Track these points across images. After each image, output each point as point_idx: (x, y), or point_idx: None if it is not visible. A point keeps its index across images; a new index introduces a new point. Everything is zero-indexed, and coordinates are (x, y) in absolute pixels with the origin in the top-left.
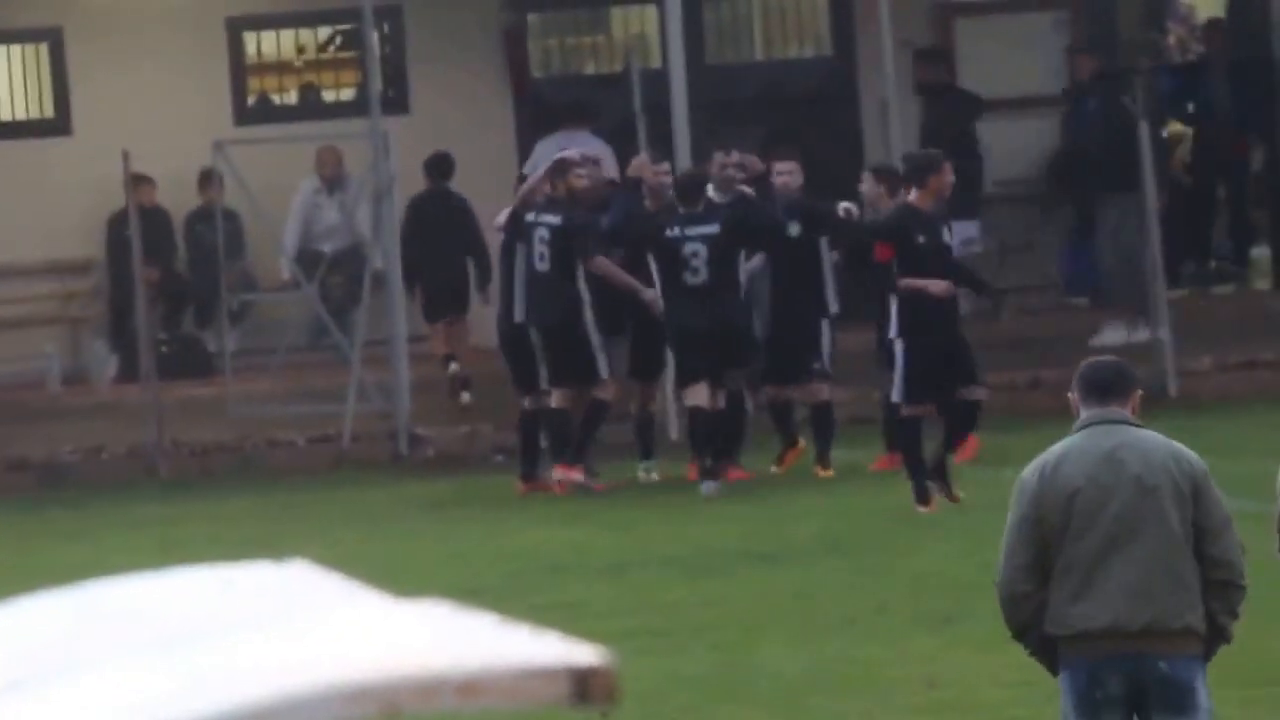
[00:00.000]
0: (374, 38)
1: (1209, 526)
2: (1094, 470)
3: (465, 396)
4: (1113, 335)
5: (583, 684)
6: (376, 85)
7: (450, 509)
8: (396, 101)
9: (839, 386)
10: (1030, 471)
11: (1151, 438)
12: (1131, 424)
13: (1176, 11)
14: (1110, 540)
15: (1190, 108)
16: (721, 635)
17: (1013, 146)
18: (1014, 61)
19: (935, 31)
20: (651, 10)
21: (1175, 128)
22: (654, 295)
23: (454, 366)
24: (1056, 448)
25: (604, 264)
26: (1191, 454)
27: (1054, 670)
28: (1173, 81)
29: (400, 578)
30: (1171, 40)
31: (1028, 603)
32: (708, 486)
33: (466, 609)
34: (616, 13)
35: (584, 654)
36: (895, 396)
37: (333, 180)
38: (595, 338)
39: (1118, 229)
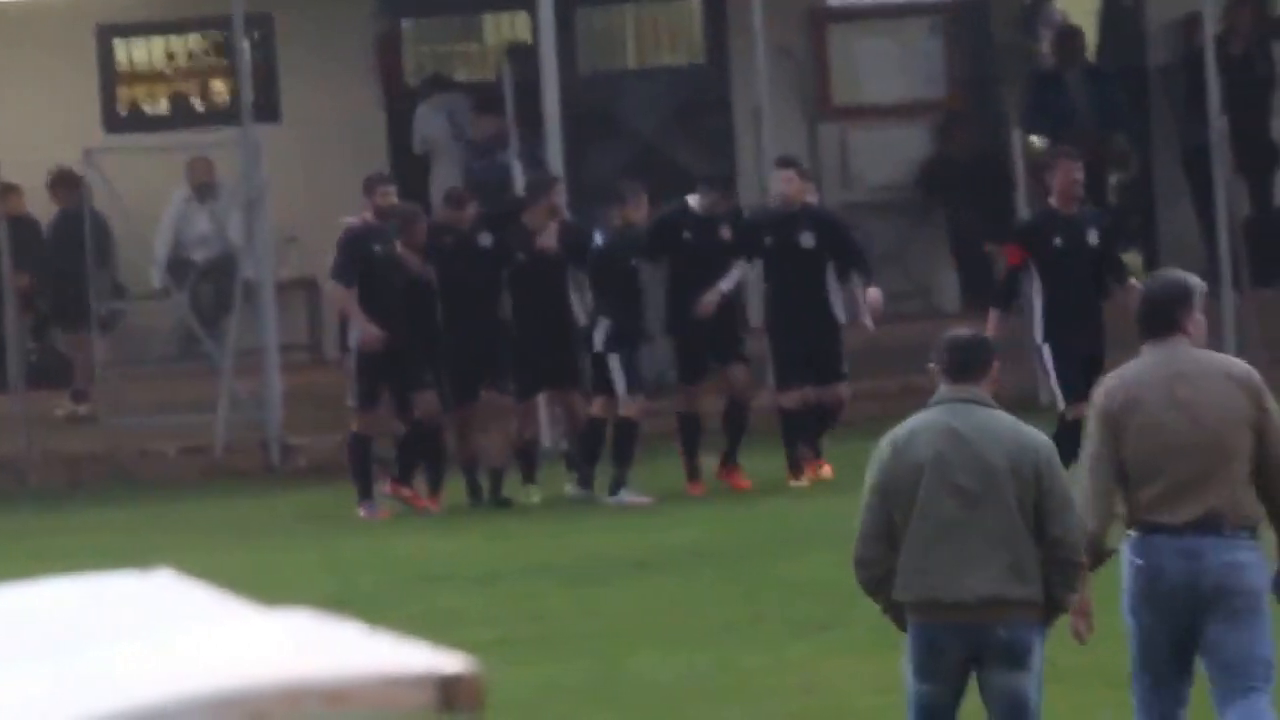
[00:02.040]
0: (245, 46)
1: (1050, 507)
2: (942, 446)
3: None
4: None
5: (449, 692)
6: (247, 94)
7: (323, 519)
8: (267, 110)
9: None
10: (885, 443)
11: (1000, 418)
12: (984, 404)
13: (1050, 18)
14: (954, 514)
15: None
16: (597, 643)
17: (886, 154)
18: (888, 68)
19: (808, 38)
20: (524, 18)
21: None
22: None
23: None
24: (910, 421)
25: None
26: (1039, 436)
27: (903, 629)
28: (1043, 88)
29: (272, 588)
30: (1044, 47)
31: (877, 567)
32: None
33: (336, 619)
34: (490, 20)
35: (450, 662)
36: (1060, 403)
37: (204, 189)
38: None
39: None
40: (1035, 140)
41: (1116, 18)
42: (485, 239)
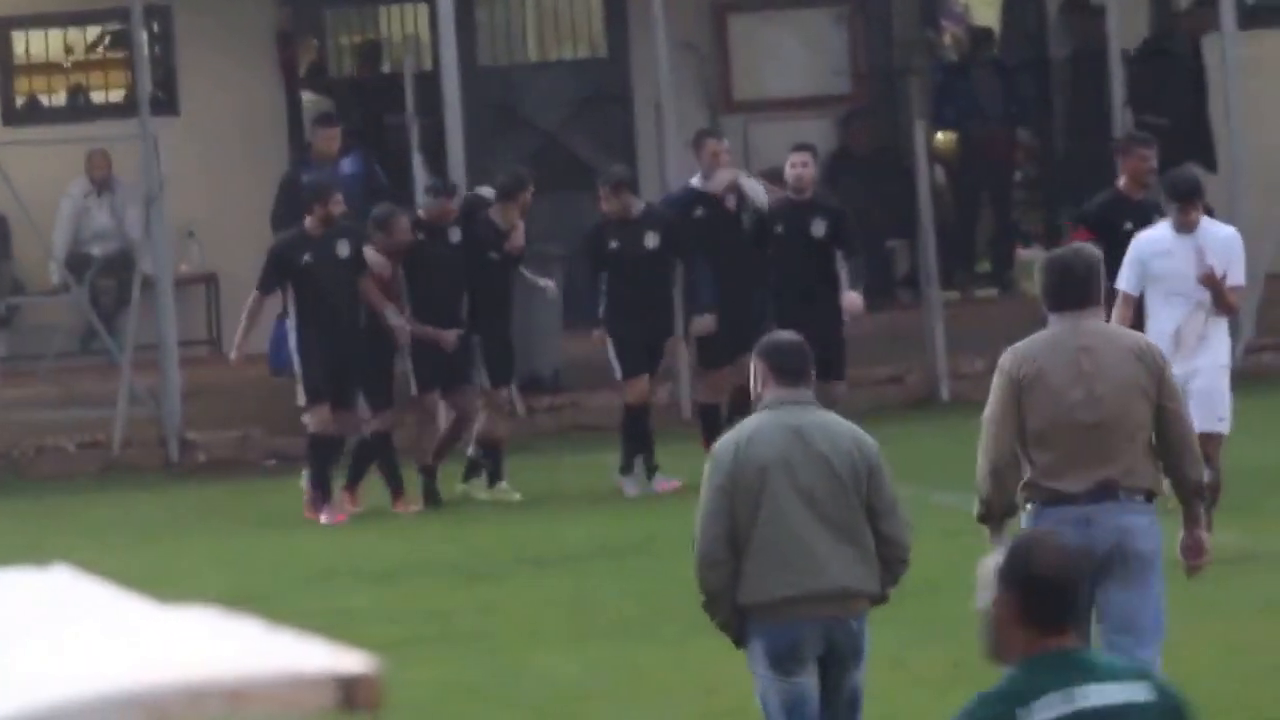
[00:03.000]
0: (143, 38)
1: (880, 507)
2: (784, 447)
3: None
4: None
5: (349, 691)
6: (146, 87)
7: (222, 515)
8: (166, 103)
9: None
10: (724, 446)
11: (835, 419)
12: (815, 405)
13: (951, 10)
14: (802, 514)
15: (953, 109)
16: (496, 641)
17: (789, 147)
18: (790, 60)
19: (710, 30)
20: (424, 10)
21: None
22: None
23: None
24: (748, 423)
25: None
26: (868, 437)
27: (738, 640)
28: (946, 81)
29: (170, 585)
30: (946, 39)
31: (723, 569)
32: None
33: (236, 616)
34: (389, 12)
35: (350, 661)
36: None
37: (102, 183)
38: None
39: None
40: (940, 135)
41: (1019, 10)
42: (455, 234)
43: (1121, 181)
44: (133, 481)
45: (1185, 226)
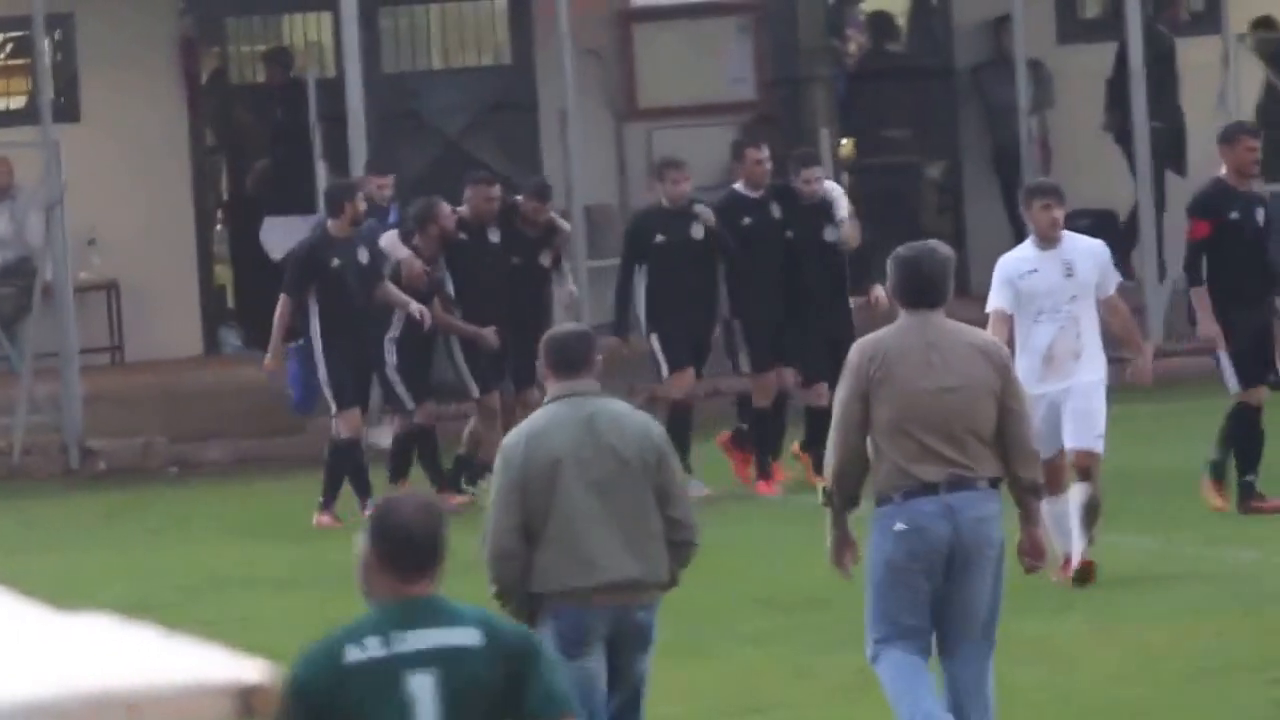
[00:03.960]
0: (45, 45)
1: (671, 491)
2: (574, 439)
3: None
4: None
5: (248, 699)
6: (47, 94)
7: (122, 523)
8: (68, 110)
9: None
10: (515, 440)
11: (623, 408)
12: (598, 395)
13: (855, 19)
14: (593, 506)
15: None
16: None
17: (692, 155)
18: (695, 68)
19: (615, 38)
20: (327, 18)
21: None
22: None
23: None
24: (538, 416)
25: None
26: (656, 424)
27: (532, 624)
28: (851, 89)
29: (70, 593)
30: (852, 48)
31: (516, 562)
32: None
33: (135, 625)
34: (292, 20)
35: (250, 669)
36: (1231, 386)
37: (3, 190)
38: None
39: None
40: (844, 141)
41: (925, 18)
42: (495, 234)
43: (1224, 171)
44: (33, 490)
45: (1051, 229)
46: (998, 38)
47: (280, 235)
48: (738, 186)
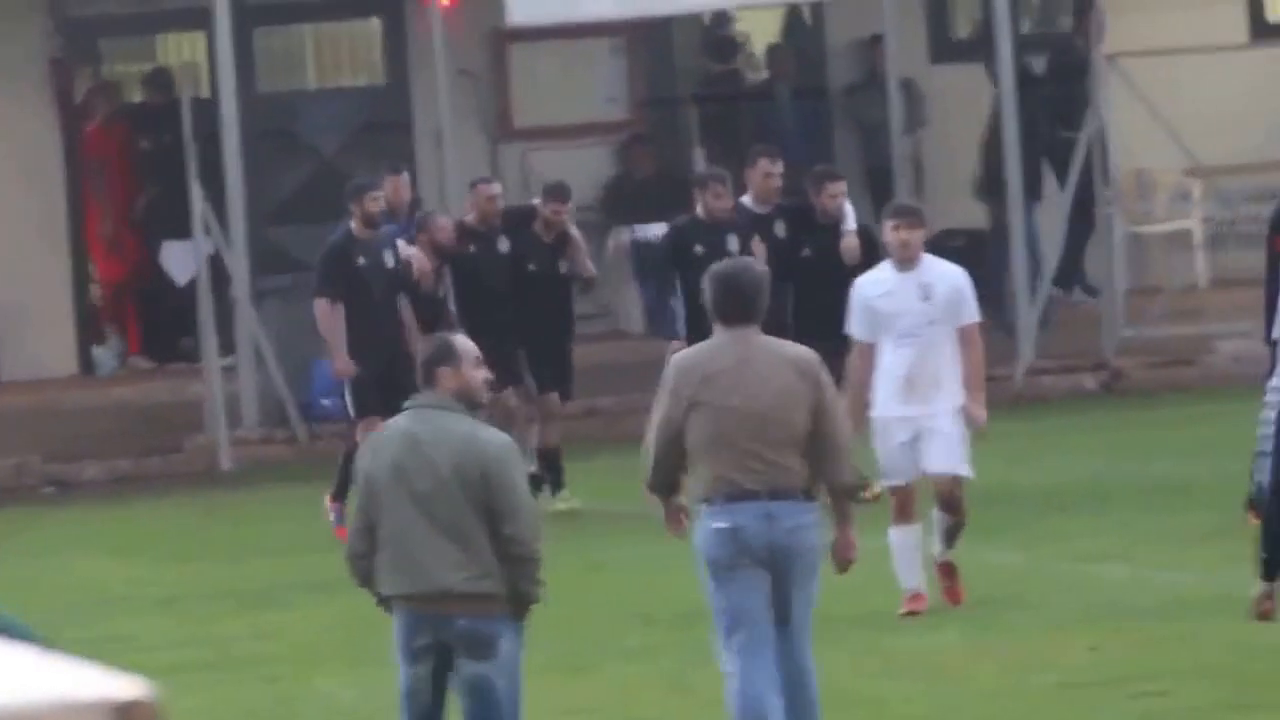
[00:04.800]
0: None
1: (500, 509)
2: (401, 451)
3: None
4: None
5: (125, 717)
6: None
7: None
8: None
9: None
10: (366, 446)
11: (456, 421)
12: (446, 408)
13: (730, 40)
14: (414, 515)
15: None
16: (276, 667)
17: (568, 175)
18: (569, 88)
19: (490, 58)
20: (202, 37)
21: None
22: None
23: None
24: (388, 424)
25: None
26: (493, 440)
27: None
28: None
29: None
30: (724, 68)
31: (363, 562)
32: None
33: (11, 643)
34: (167, 40)
35: (127, 687)
36: None
37: None
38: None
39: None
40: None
41: (799, 38)
42: (504, 243)
43: None
44: None
45: (903, 251)
46: (871, 58)
47: (180, 258)
48: (745, 200)
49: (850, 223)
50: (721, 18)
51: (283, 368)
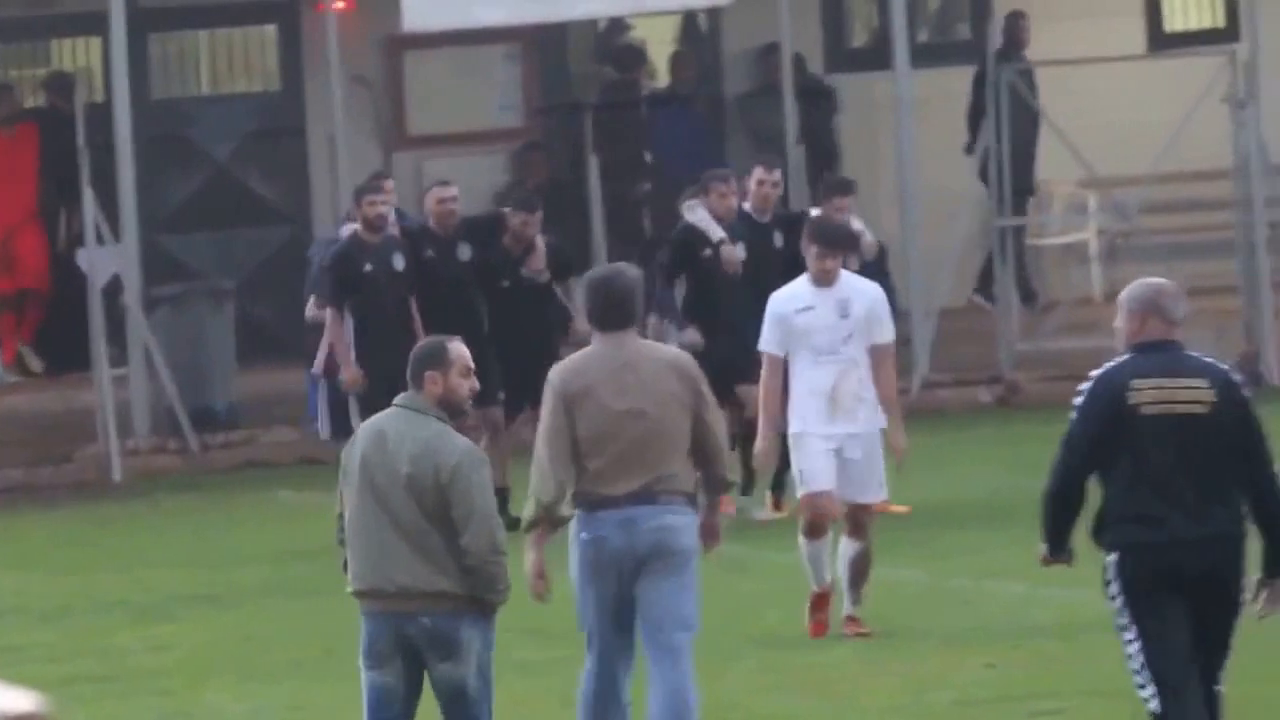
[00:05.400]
0: None
1: (456, 516)
2: (368, 449)
3: None
4: None
5: None
6: None
7: None
8: None
9: None
10: (349, 445)
11: (423, 425)
12: (419, 410)
13: (627, 47)
14: (375, 511)
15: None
16: (167, 680)
17: (461, 182)
18: (464, 96)
19: (384, 65)
20: (96, 42)
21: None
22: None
23: None
24: (369, 421)
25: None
26: (454, 447)
27: None
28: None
29: None
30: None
31: (345, 552)
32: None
33: None
34: (61, 45)
35: (18, 700)
36: None
37: None
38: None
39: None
40: None
41: (696, 46)
42: (465, 251)
43: None
44: None
45: (824, 277)
46: (766, 66)
47: (100, 262)
48: (745, 206)
49: (858, 224)
50: (617, 25)
51: (175, 377)
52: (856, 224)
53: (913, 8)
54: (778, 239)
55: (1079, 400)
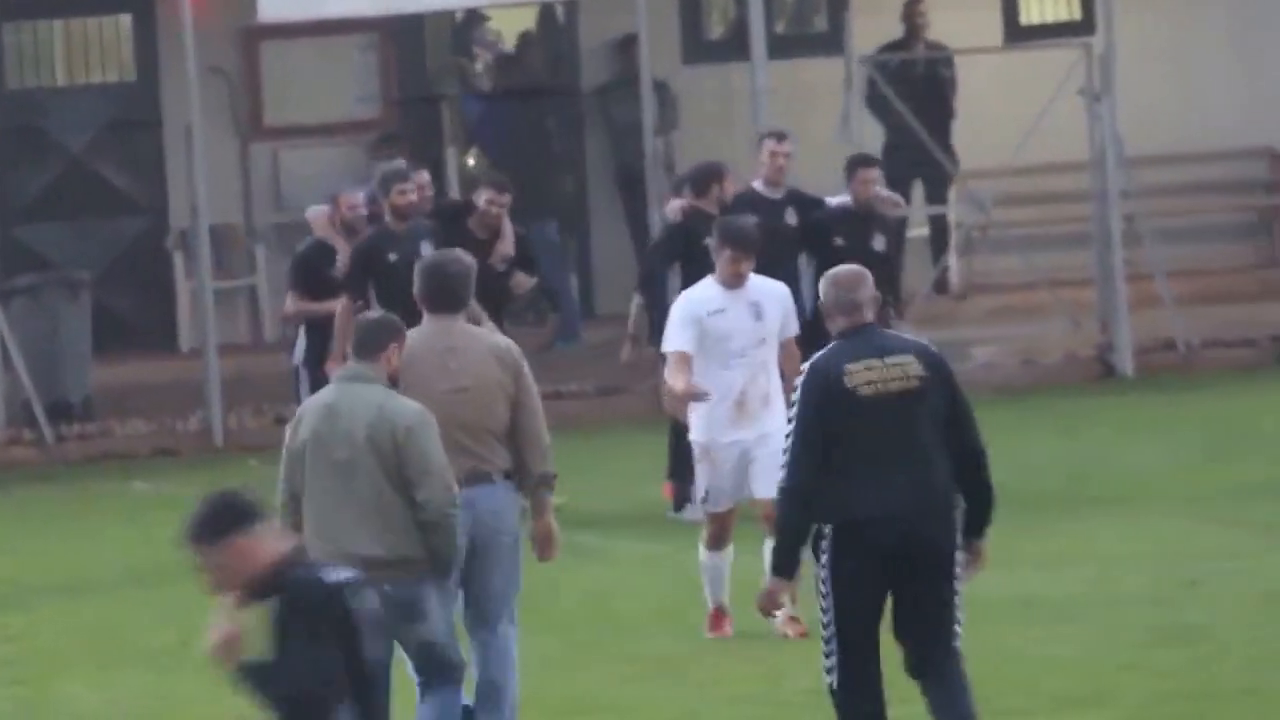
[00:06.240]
0: None
1: (411, 475)
2: (319, 423)
3: None
4: None
5: None
6: None
7: None
8: None
9: None
10: (291, 424)
11: (372, 392)
12: (367, 380)
13: (484, 38)
14: (334, 483)
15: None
16: (21, 670)
17: (318, 173)
18: (321, 86)
19: (240, 56)
20: None
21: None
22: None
23: None
24: (312, 398)
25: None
26: (407, 410)
27: None
28: (479, 108)
29: None
30: (479, 67)
31: (294, 525)
32: None
33: None
34: None
35: None
36: None
37: None
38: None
39: None
40: (470, 159)
41: (552, 38)
42: (426, 250)
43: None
44: None
45: (736, 280)
46: (623, 58)
47: None
48: (756, 184)
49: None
50: (474, 16)
51: (31, 368)
52: (884, 193)
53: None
54: (790, 216)
55: (796, 395)
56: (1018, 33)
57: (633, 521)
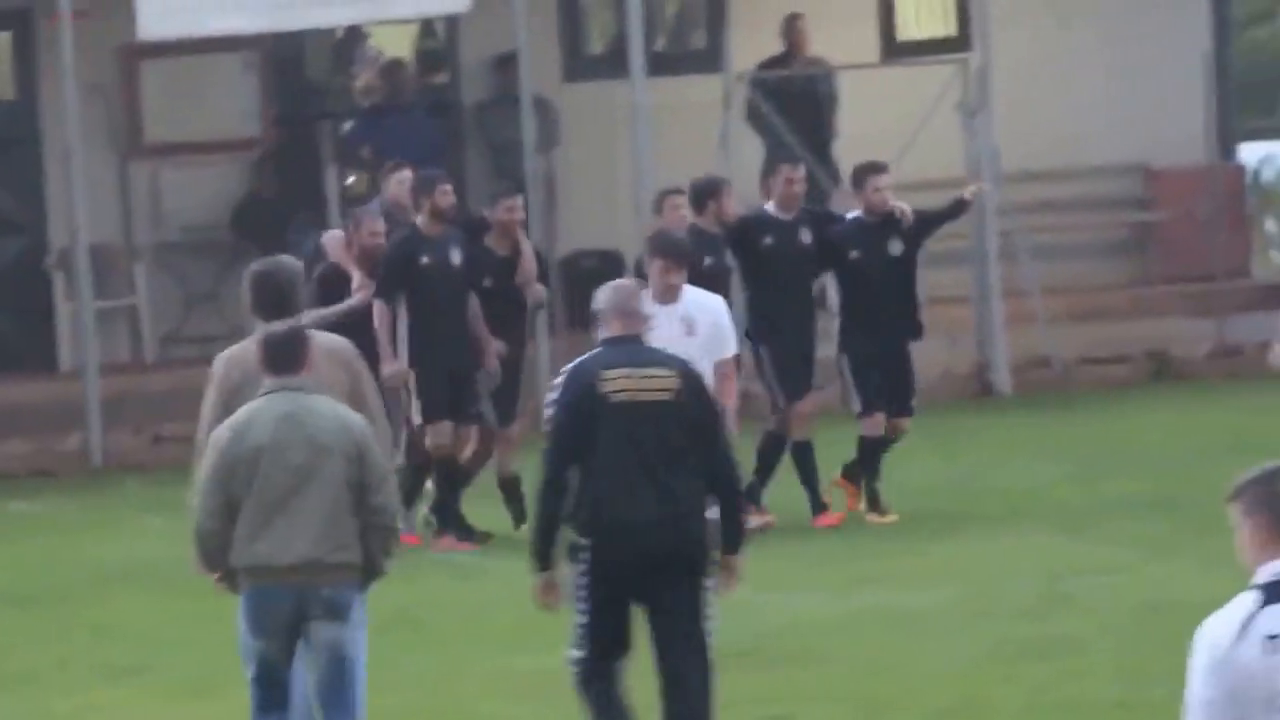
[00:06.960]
0: None
1: (369, 481)
2: (275, 430)
3: None
4: None
5: None
6: None
7: None
8: None
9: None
10: (224, 429)
11: (324, 403)
12: (309, 390)
13: (364, 55)
14: (288, 490)
15: (367, 150)
16: None
17: (199, 192)
18: (201, 105)
19: (120, 74)
20: None
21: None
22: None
23: None
24: (244, 410)
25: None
26: (357, 419)
27: (238, 593)
28: (361, 125)
29: None
30: (359, 84)
31: (216, 539)
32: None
33: None
34: None
35: None
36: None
37: None
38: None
39: None
40: (351, 179)
41: (432, 52)
42: (456, 256)
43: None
44: None
45: (669, 293)
46: (504, 75)
47: None
48: (768, 207)
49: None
50: (355, 33)
51: None
52: (892, 200)
53: (650, 17)
54: (805, 236)
55: (553, 395)
56: (895, 49)
57: (511, 541)
